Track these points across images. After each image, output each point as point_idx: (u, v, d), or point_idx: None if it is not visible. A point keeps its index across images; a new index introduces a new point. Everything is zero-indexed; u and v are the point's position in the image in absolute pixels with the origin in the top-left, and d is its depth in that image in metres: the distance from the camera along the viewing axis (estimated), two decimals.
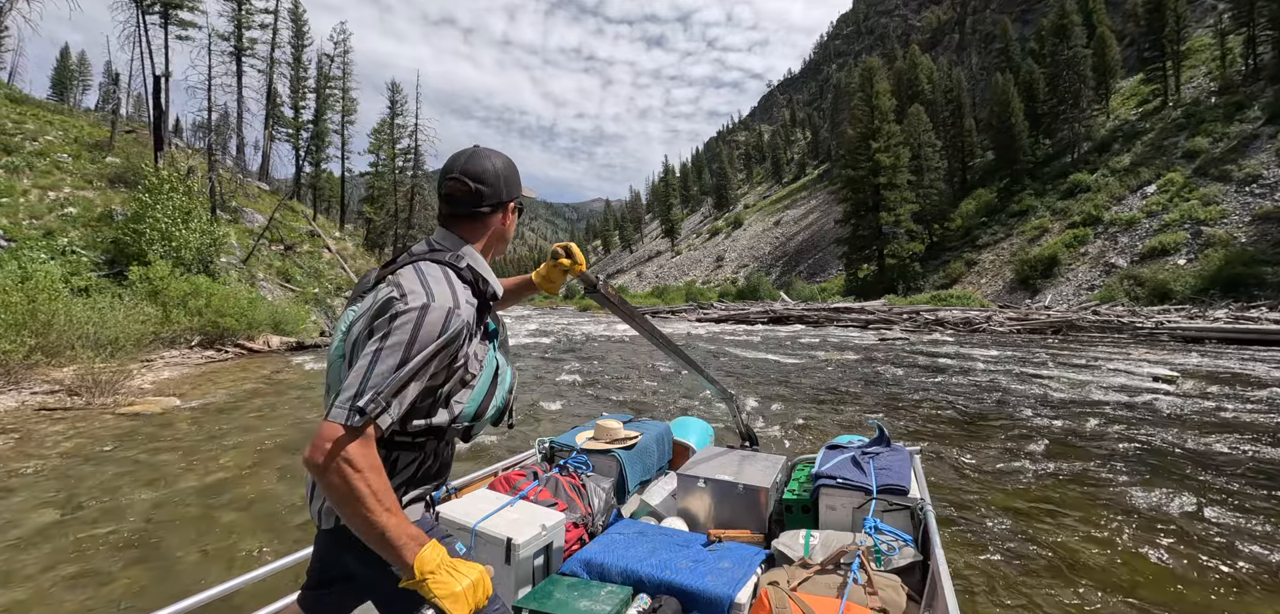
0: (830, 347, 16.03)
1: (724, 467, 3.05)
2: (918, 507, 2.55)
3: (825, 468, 2.82)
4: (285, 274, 17.48)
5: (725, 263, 76.10)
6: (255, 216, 20.84)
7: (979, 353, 14.14)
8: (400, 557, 1.11)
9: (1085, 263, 33.53)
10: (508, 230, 1.52)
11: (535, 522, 2.32)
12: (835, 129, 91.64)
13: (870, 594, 1.95)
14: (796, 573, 2.11)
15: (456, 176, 1.40)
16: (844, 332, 21.16)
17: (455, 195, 1.41)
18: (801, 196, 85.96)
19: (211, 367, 12.30)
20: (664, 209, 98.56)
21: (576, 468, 2.98)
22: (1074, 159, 42.84)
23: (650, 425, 3.65)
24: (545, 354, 16.28)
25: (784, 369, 12.38)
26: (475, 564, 1.21)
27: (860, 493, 2.63)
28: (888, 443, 3.13)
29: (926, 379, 10.96)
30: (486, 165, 1.42)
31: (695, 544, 2.42)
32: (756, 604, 1.94)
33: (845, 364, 13.05)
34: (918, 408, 8.58)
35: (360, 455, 1.10)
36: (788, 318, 24.94)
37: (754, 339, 18.62)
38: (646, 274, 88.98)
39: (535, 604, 2.04)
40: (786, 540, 2.46)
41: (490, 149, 1.48)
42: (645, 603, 2.08)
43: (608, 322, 32.34)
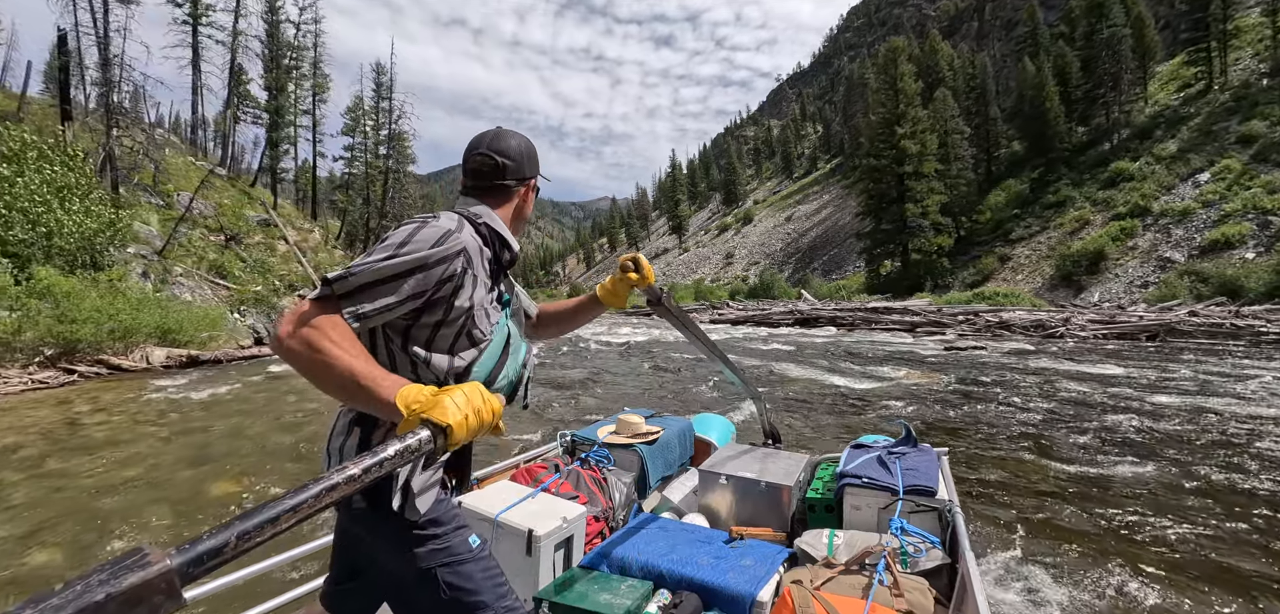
0: (882, 358, 13.09)
1: (746, 464, 3.00)
2: (945, 509, 2.46)
3: (850, 467, 2.76)
4: (221, 269, 14.88)
5: (735, 260, 73.45)
6: (200, 203, 18.20)
7: (1097, 369, 11.14)
8: (378, 395, 1.03)
9: (1135, 257, 30.66)
10: (527, 207, 1.55)
11: (556, 514, 2.34)
12: (848, 122, 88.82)
13: (896, 596, 1.93)
14: (820, 572, 2.11)
15: (484, 152, 1.45)
16: (888, 336, 18.45)
17: (482, 170, 1.45)
18: (814, 191, 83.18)
19: (25, 398, 8.96)
20: (671, 205, 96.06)
21: (598, 462, 3.02)
22: (1113, 146, 39.91)
23: (672, 421, 3.61)
24: (564, 351, 15.57)
25: (847, 397, 9.05)
26: (469, 383, 1.09)
27: (886, 493, 2.57)
28: (914, 443, 3.07)
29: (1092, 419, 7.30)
30: (511, 143, 1.48)
31: (717, 541, 2.40)
32: (779, 603, 1.93)
33: (927, 391, 9.51)
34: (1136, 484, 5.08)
35: (324, 319, 1.06)
36: (815, 319, 22.07)
37: (783, 346, 15.87)
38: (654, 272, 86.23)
39: (555, 596, 2.02)
40: (810, 539, 2.42)
41: (511, 130, 1.54)
42: (666, 598, 2.07)
43: (630, 322, 29.73)
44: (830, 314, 21.71)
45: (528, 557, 2.17)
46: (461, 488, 1.52)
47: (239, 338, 12.81)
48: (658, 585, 2.14)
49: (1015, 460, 5.76)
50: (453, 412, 0.99)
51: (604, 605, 1.95)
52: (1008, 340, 16.44)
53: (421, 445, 0.94)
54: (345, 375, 1.03)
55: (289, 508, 0.73)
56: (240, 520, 0.68)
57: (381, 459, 0.87)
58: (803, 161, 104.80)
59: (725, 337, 19.05)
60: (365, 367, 1.05)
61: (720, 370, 16.01)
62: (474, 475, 2.50)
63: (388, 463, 0.88)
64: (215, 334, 11.84)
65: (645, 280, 1.80)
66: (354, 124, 30.96)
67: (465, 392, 1.04)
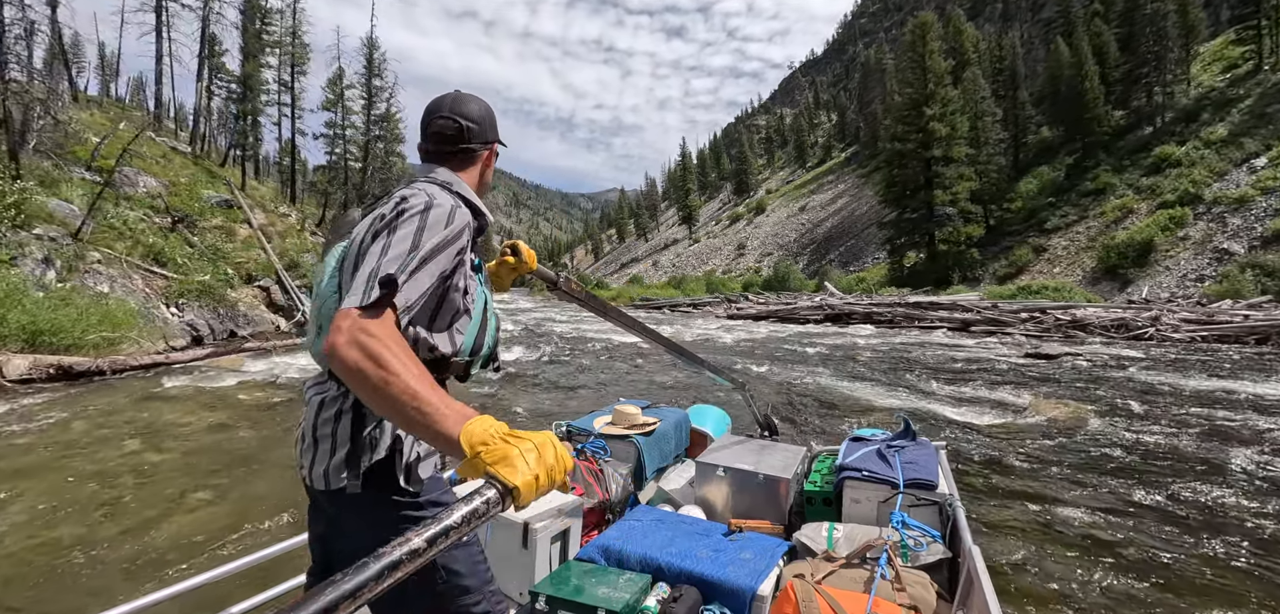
0: (961, 371, 10.55)
1: (743, 456, 2.96)
2: (946, 502, 2.47)
3: (850, 460, 2.76)
4: (160, 256, 12.92)
5: (747, 251, 71.23)
6: (148, 180, 16.24)
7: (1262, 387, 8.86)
8: (441, 429, 0.91)
9: (1188, 248, 28.26)
10: (489, 173, 1.52)
11: (552, 506, 2.31)
12: (864, 109, 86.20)
13: (898, 590, 1.92)
14: (821, 566, 2.09)
15: (446, 115, 1.41)
16: (944, 338, 15.96)
17: (446, 133, 1.41)
18: (828, 181, 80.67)
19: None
20: (681, 195, 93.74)
21: (594, 452, 2.98)
22: (1156, 130, 37.35)
23: (668, 412, 3.57)
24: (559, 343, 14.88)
25: (975, 440, 6.40)
26: (543, 431, 0.97)
27: (886, 486, 2.56)
28: (913, 436, 3.04)
29: None
30: (473, 106, 1.45)
31: (715, 533, 2.39)
32: (781, 597, 1.92)
33: (1075, 425, 6.96)
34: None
35: (383, 328, 0.99)
36: (847, 315, 19.84)
37: (822, 350, 13.76)
38: (663, 263, 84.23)
39: (552, 590, 2.00)
40: (809, 532, 2.40)
41: (472, 94, 1.49)
42: (665, 592, 2.05)
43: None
44: (865, 310, 19.42)
45: (524, 549, 2.14)
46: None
47: (170, 337, 10.65)
48: (656, 578, 2.13)
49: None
50: (522, 471, 0.84)
51: (602, 599, 1.94)
52: (1088, 343, 14.12)
53: (489, 509, 0.81)
54: (406, 399, 0.92)
55: (343, 595, 0.61)
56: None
57: (447, 527, 0.75)
58: (816, 150, 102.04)
59: (749, 338, 16.87)
60: (429, 393, 0.93)
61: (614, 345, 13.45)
62: None
63: (454, 531, 0.76)
64: (122, 335, 9.51)
65: (525, 266, 1.74)
66: (335, 99, 28.41)
67: (537, 445, 0.89)
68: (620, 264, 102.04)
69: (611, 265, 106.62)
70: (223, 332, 12.02)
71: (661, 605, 1.98)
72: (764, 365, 11.59)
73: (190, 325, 11.48)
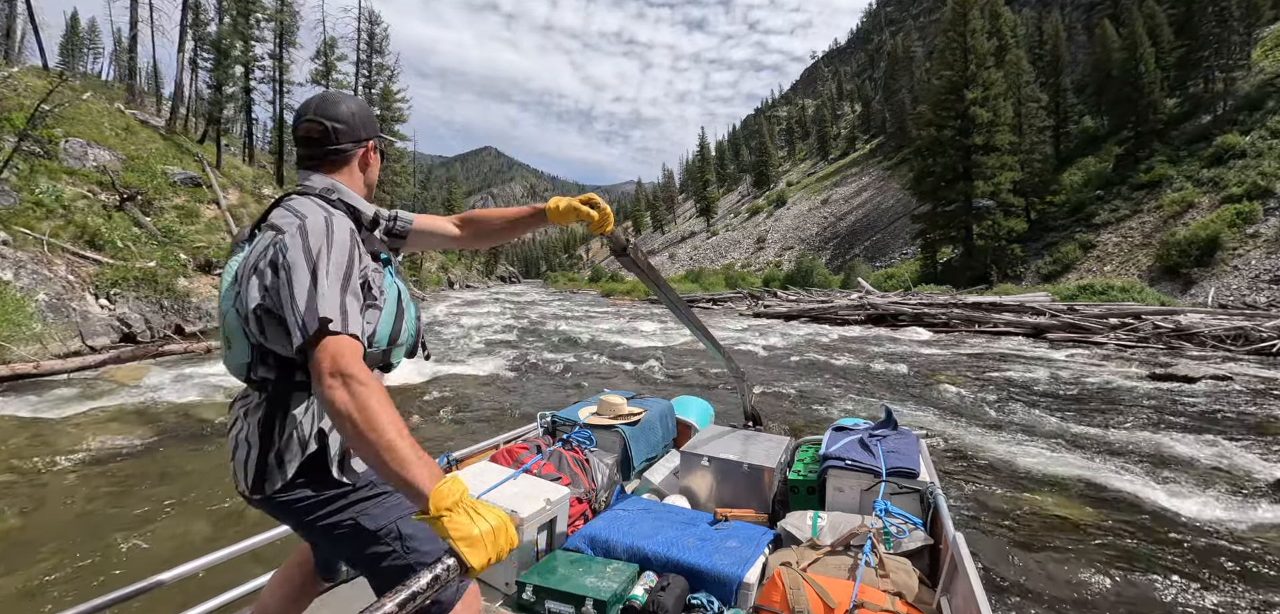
0: (1084, 398, 8.22)
1: (728, 446, 2.99)
2: (927, 490, 2.49)
3: (833, 449, 2.77)
4: (97, 239, 11.12)
5: (767, 244, 68.88)
6: (100, 153, 14.45)
7: None
8: (415, 486, 1.01)
9: (1259, 246, 25.64)
10: (372, 170, 1.52)
11: (539, 496, 2.33)
12: (890, 99, 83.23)
13: (882, 577, 1.94)
14: (806, 554, 2.11)
15: (311, 118, 1.40)
16: (1021, 347, 13.42)
17: (312, 136, 1.40)
18: (852, 173, 77.94)
19: None
20: (699, 187, 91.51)
21: (580, 443, 2.98)
22: (1216, 118, 34.49)
23: (654, 403, 3.56)
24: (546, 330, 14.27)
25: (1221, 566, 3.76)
26: (497, 510, 1.08)
27: (869, 475, 2.58)
28: (895, 426, 3.08)
29: None
30: (341, 107, 1.44)
31: (701, 523, 2.41)
32: (769, 584, 1.93)
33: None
34: None
35: (366, 372, 1.07)
36: (894, 317, 17.65)
37: (876, 361, 11.60)
38: (680, 256, 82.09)
39: (539, 580, 2.00)
40: (794, 521, 2.42)
41: (342, 92, 1.54)
42: (652, 580, 2.06)
43: (592, 307, 25.81)
44: (914, 310, 17.22)
45: None
46: None
47: (90, 335, 8.84)
48: (643, 567, 2.14)
49: None
50: (479, 554, 0.97)
51: (590, 588, 1.94)
52: (1196, 355, 11.69)
53: (448, 575, 0.92)
54: (385, 450, 1.02)
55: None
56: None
57: (414, 592, 0.85)
58: (840, 142, 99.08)
59: (785, 343, 14.71)
60: (404, 446, 1.03)
61: (704, 352, 12.41)
62: (453, 455, 2.61)
63: (421, 596, 0.86)
64: (9, 333, 7.54)
65: (602, 224, 1.65)
66: (324, 71, 26.34)
67: (495, 527, 1.02)
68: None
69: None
70: (166, 327, 10.22)
71: (649, 594, 1.99)
72: (818, 382, 9.44)
73: (121, 320, 9.70)
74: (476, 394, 8.40)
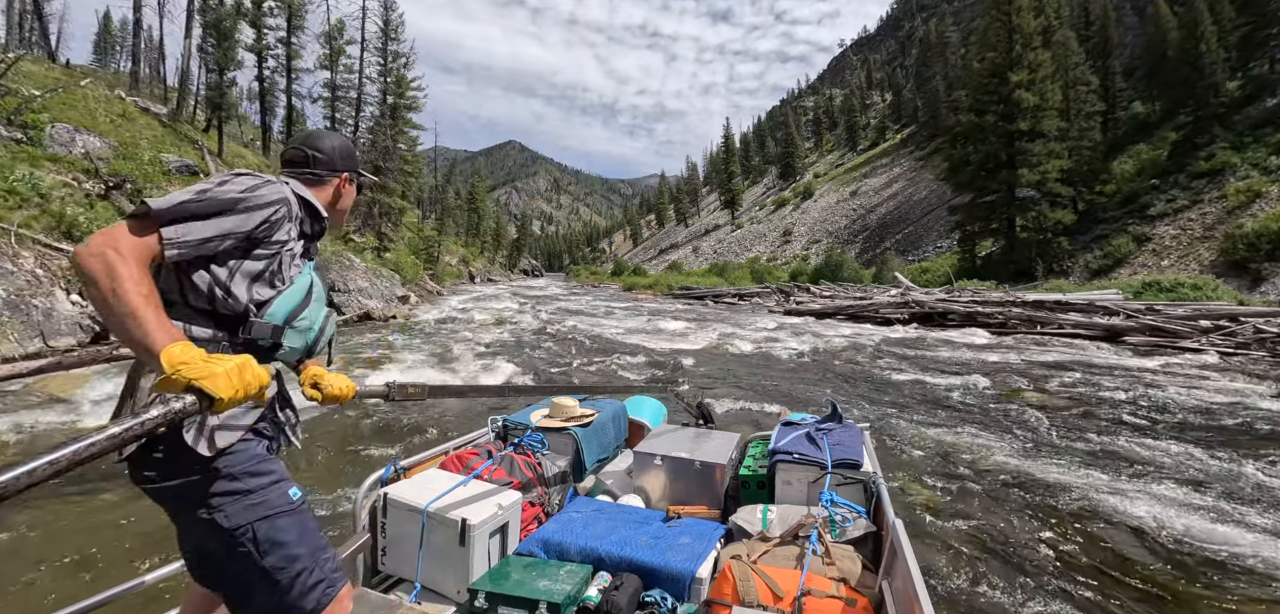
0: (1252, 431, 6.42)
1: (680, 444, 3.03)
2: (870, 480, 2.57)
3: (781, 444, 2.84)
4: (74, 230, 10.11)
5: (794, 238, 67.08)
6: (90, 140, 13.66)
7: None
8: (148, 342, 1.04)
9: None
10: (344, 199, 1.66)
11: (490, 501, 2.29)
12: (922, 87, 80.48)
13: (828, 564, 2.02)
14: (756, 547, 2.18)
15: (296, 146, 1.58)
16: (1113, 358, 11.15)
17: (294, 159, 1.57)
18: (882, 164, 75.62)
19: None
20: (723, 180, 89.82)
21: (531, 446, 2.97)
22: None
23: (606, 404, 3.56)
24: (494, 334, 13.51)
25: None
26: (240, 355, 1.11)
27: (816, 468, 2.65)
28: (840, 419, 3.19)
29: None
30: (324, 142, 1.62)
31: (654, 521, 2.44)
32: (720, 578, 1.98)
33: None
34: None
35: (132, 247, 1.10)
36: (943, 316, 16.04)
37: (934, 370, 10.13)
38: (704, 249, 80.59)
39: (491, 586, 1.99)
40: (745, 515, 2.48)
41: (330, 131, 1.67)
42: (606, 581, 2.08)
43: (560, 307, 24.69)
44: (966, 309, 15.56)
45: (461, 547, 2.11)
46: (277, 434, 1.49)
47: (52, 334, 7.99)
48: (597, 568, 2.16)
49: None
50: (223, 384, 1.00)
51: (544, 592, 1.94)
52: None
53: (186, 409, 0.95)
54: (127, 311, 1.04)
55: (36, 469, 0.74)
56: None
57: (142, 420, 0.88)
58: (869, 132, 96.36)
59: (824, 346, 13.25)
60: (146, 310, 1.05)
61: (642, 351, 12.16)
62: (401, 463, 2.50)
63: (149, 423, 0.89)
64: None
65: (335, 397, 1.50)
66: (333, 55, 25.41)
67: (238, 363, 1.05)
68: (659, 250, 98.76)
69: (650, 251, 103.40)
70: None
71: (603, 594, 2.00)
72: (883, 404, 7.77)
73: (93, 318, 8.85)
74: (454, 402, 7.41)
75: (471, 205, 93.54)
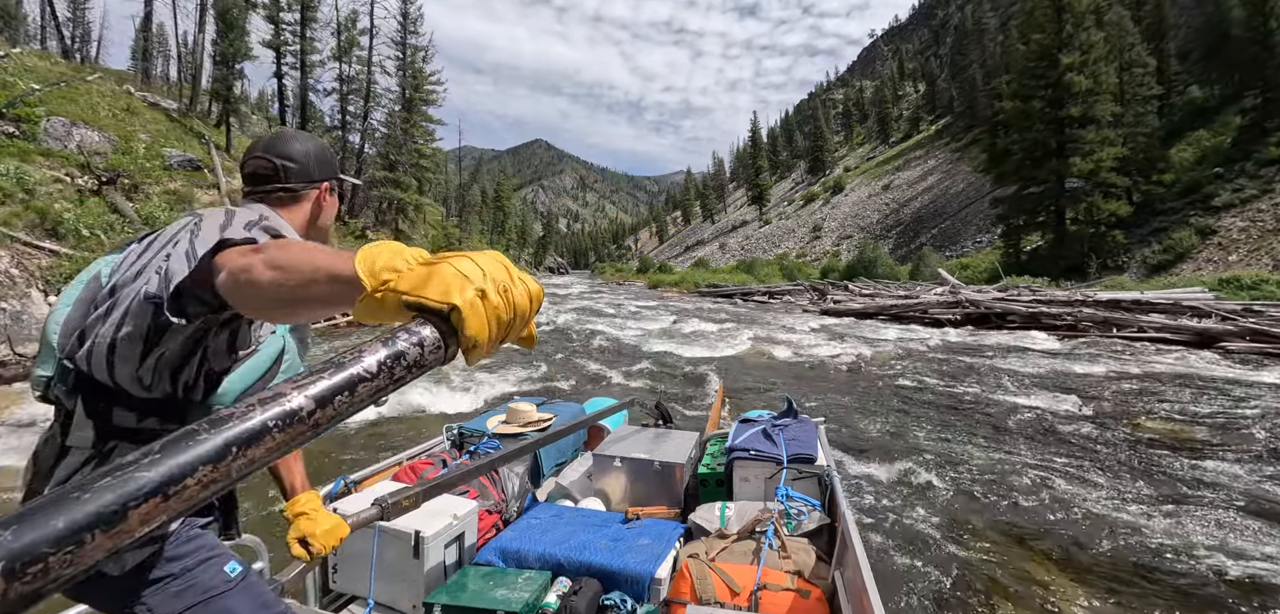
0: None
1: (639, 445, 2.99)
2: (825, 474, 2.59)
3: (738, 442, 2.83)
4: (60, 227, 9.42)
5: (824, 233, 65.31)
6: (88, 134, 13.14)
7: None
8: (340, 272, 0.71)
9: None
10: (324, 213, 1.40)
11: (445, 512, 2.26)
12: (958, 75, 77.68)
13: (784, 558, 2.02)
14: (714, 544, 2.15)
15: (260, 154, 1.31)
16: (1223, 369, 9.70)
17: (259, 173, 1.30)
18: (916, 156, 73.24)
19: None
20: (751, 175, 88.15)
21: (488, 453, 2.83)
22: None
23: (564, 407, 3.57)
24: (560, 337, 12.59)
25: None
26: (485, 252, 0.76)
27: (772, 463, 2.65)
28: (796, 415, 3.20)
29: None
30: (294, 146, 1.34)
31: (613, 523, 2.40)
32: (678, 577, 1.98)
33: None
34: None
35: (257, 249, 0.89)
36: (1000, 316, 14.48)
37: (1002, 381, 8.78)
38: (730, 246, 79.15)
39: (448, 599, 1.94)
40: (703, 513, 2.47)
41: (300, 132, 1.41)
42: (565, 586, 2.05)
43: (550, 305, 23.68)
44: (1027, 309, 14.00)
45: (416, 559, 2.05)
46: (228, 529, 1.31)
47: (19, 340, 7.27)
48: (556, 574, 2.12)
49: None
50: (464, 286, 0.59)
51: (501, 601, 1.89)
52: None
53: (424, 354, 0.56)
54: (308, 271, 0.77)
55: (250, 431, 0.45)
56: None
57: (392, 353, 0.55)
58: (901, 124, 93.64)
59: (870, 351, 11.82)
60: (318, 253, 0.79)
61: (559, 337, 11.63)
62: (351, 477, 2.40)
63: (364, 389, 0.54)
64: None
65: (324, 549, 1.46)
66: (346, 47, 24.58)
67: (479, 259, 0.64)
68: (685, 246, 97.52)
69: (676, 248, 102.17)
70: None
71: (562, 600, 1.97)
72: (979, 441, 6.25)
73: None
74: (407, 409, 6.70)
75: (497, 203, 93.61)
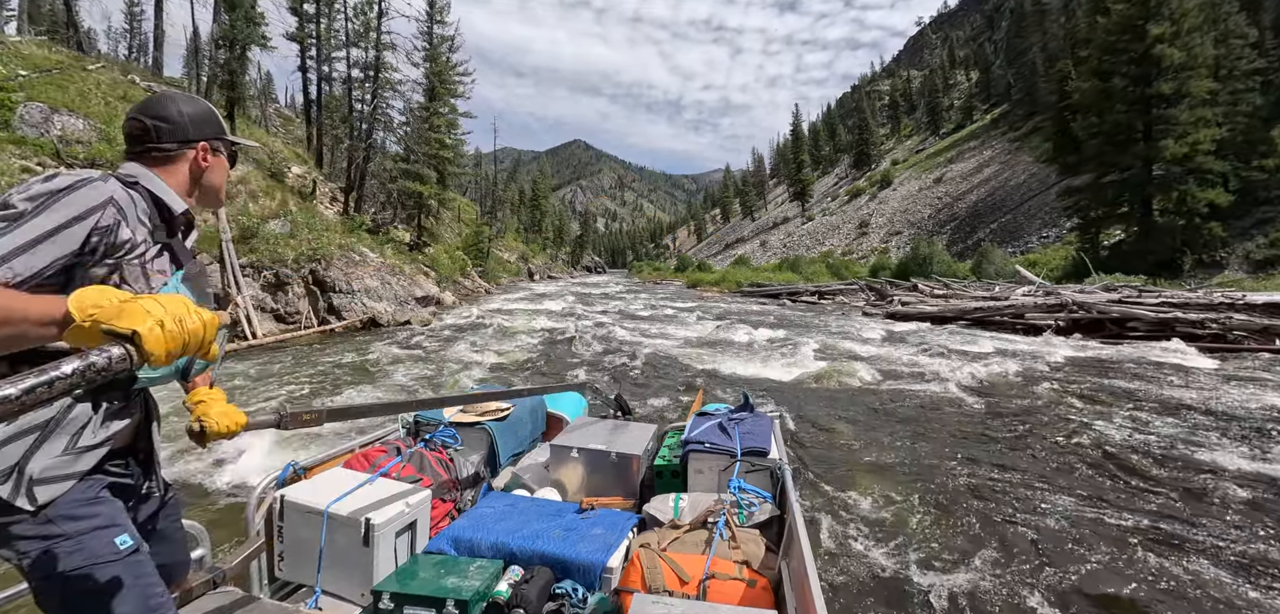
0: None
1: (597, 436, 3.00)
2: (776, 467, 2.61)
3: (694, 434, 2.85)
4: None
5: (871, 230, 62.21)
6: (71, 121, 12.14)
7: None
8: (35, 315, 0.89)
9: None
10: (210, 173, 1.42)
11: (397, 500, 2.22)
12: (1015, 61, 73.33)
13: (733, 548, 2.06)
14: (667, 534, 2.19)
15: (133, 116, 1.35)
16: None
17: (132, 134, 1.35)
18: (970, 147, 69.33)
19: None
20: (792, 170, 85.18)
21: (444, 442, 2.90)
22: None
23: (522, 399, 3.43)
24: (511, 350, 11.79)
25: None
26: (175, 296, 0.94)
27: (726, 456, 2.69)
28: (752, 409, 3.26)
29: None
30: (169, 107, 1.37)
31: (568, 513, 2.41)
32: (629, 566, 2.00)
33: None
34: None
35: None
36: (1120, 323, 11.84)
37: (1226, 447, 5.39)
38: (772, 243, 76.50)
39: (397, 587, 1.89)
40: (657, 504, 2.49)
41: (182, 94, 1.42)
42: (517, 575, 2.04)
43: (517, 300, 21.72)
44: (1155, 314, 11.56)
45: (366, 548, 2.02)
46: (148, 474, 1.39)
47: None
48: (509, 563, 2.11)
49: None
50: (144, 318, 0.82)
51: (451, 589, 1.87)
52: None
53: (111, 364, 0.77)
54: (22, 314, 0.88)
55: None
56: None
57: (52, 378, 0.70)
58: (953, 114, 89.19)
59: (968, 376, 8.94)
60: (12, 299, 0.90)
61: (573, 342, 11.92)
62: (300, 463, 2.37)
63: (60, 384, 0.71)
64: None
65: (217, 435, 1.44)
66: (361, 31, 23.24)
67: (163, 300, 0.88)
68: (724, 244, 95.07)
69: (715, 246, 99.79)
70: None
71: (513, 589, 1.96)
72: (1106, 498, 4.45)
73: None
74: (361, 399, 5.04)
75: (534, 202, 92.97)
